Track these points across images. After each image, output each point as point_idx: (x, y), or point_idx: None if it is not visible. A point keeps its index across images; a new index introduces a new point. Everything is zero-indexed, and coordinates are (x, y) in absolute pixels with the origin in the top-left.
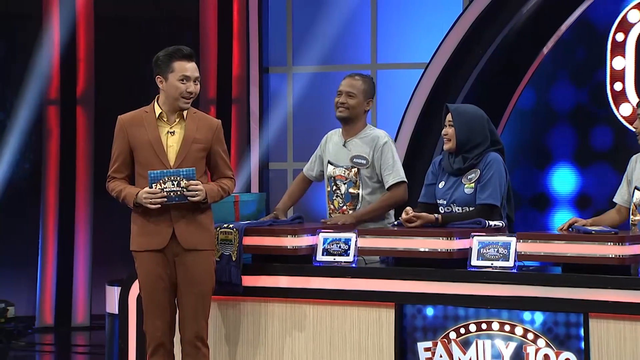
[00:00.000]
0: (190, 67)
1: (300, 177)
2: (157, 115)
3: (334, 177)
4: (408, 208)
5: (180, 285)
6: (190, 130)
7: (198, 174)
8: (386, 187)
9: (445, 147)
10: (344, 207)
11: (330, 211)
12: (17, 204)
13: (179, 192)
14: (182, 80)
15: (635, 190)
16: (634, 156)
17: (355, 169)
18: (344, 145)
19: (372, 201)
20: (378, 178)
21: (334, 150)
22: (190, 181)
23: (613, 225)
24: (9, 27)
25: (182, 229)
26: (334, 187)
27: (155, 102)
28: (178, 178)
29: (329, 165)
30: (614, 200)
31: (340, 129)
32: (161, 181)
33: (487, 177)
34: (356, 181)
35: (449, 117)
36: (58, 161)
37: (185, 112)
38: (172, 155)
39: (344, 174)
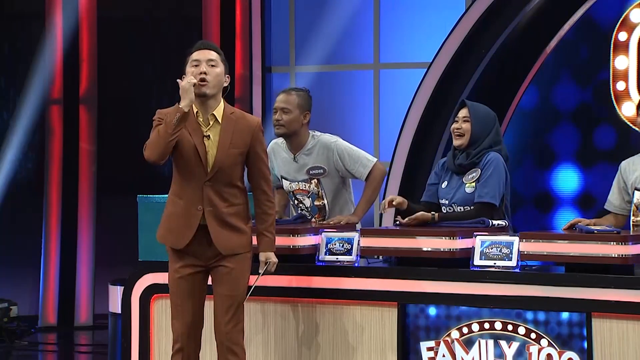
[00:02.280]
0: (201, 53)
1: (275, 190)
2: (195, 116)
3: (293, 192)
4: (391, 196)
5: (215, 289)
6: (226, 134)
7: (234, 179)
8: (363, 178)
9: (457, 142)
10: (312, 220)
11: None
12: (20, 203)
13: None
14: (193, 64)
15: (635, 191)
16: (624, 163)
17: (315, 180)
18: (294, 160)
19: (339, 206)
20: (340, 181)
21: (285, 166)
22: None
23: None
24: (13, 27)
25: (219, 234)
26: (296, 202)
27: (194, 103)
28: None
29: (284, 180)
30: (606, 207)
31: (280, 141)
32: None
33: (486, 175)
34: (318, 192)
35: (464, 112)
36: (61, 160)
37: (220, 114)
38: (210, 160)
39: (305, 187)
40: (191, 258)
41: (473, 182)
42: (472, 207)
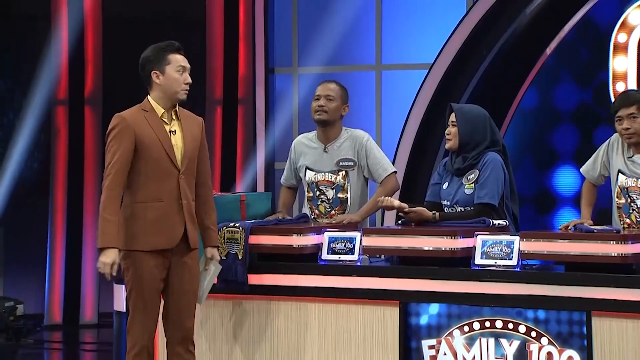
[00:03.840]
0: (184, 59)
1: (284, 189)
2: (159, 114)
3: (316, 183)
4: (394, 200)
5: (177, 285)
6: (187, 128)
7: (195, 172)
8: (379, 180)
9: (447, 145)
10: (332, 212)
11: (315, 216)
12: (26, 203)
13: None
14: (179, 71)
15: (619, 174)
16: (614, 137)
17: (343, 172)
18: (324, 150)
19: (360, 203)
20: (363, 177)
21: (313, 157)
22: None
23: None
24: (19, 28)
25: (190, 228)
26: (318, 193)
27: (152, 101)
28: None
29: (308, 171)
30: (582, 172)
31: (311, 135)
32: None
33: (484, 176)
34: (344, 184)
35: (452, 117)
36: (66, 161)
37: (177, 110)
38: (178, 155)
39: (331, 178)
40: (164, 255)
41: (472, 183)
42: (472, 208)
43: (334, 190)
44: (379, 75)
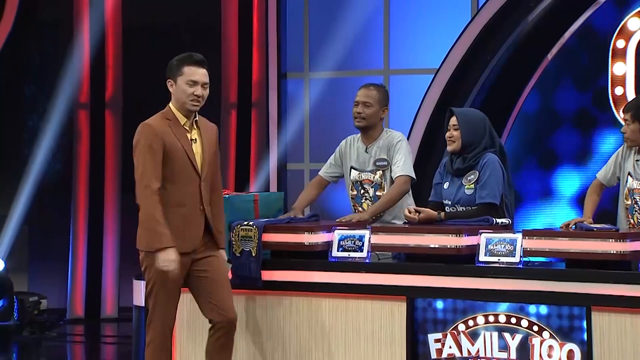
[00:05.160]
0: (199, 72)
1: (317, 180)
2: (182, 123)
3: (361, 182)
4: (410, 207)
5: (215, 276)
6: (205, 136)
7: (210, 182)
8: (394, 177)
9: (449, 148)
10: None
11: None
12: (49, 202)
13: None
14: (190, 83)
15: (628, 177)
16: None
17: (380, 172)
18: (365, 151)
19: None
20: None
21: (357, 157)
22: None
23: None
24: (42, 35)
25: (211, 230)
26: (362, 191)
27: (174, 110)
28: None
29: (353, 170)
30: (597, 175)
31: (359, 135)
32: None
33: (484, 177)
34: (381, 183)
35: (453, 120)
36: (88, 162)
37: (197, 119)
38: (199, 162)
39: (370, 177)
40: (186, 254)
41: (472, 184)
42: (474, 207)
43: (373, 189)
44: (387, 79)
